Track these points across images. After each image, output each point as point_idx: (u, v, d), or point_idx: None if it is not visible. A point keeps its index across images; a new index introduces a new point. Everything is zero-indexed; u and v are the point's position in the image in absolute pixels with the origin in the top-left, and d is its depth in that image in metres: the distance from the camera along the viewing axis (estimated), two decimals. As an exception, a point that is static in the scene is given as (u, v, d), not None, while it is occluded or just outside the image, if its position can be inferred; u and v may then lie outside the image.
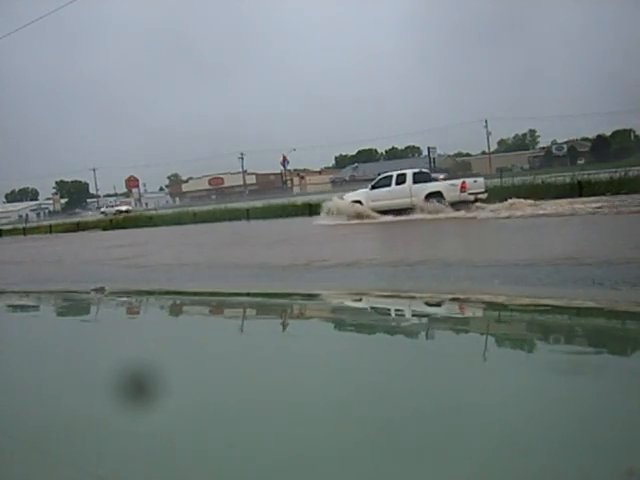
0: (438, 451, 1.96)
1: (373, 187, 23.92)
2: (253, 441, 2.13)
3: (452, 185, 22.03)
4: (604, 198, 20.32)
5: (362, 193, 24.09)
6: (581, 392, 2.42)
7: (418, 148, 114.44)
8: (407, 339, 3.76)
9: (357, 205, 23.20)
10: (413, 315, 4.73)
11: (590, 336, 3.59)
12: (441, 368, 2.91)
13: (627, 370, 2.70)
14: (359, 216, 22.32)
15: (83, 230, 41.44)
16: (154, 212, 47.84)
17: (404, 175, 23.17)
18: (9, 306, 7.26)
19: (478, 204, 21.41)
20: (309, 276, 9.57)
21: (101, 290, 7.08)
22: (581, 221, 15.73)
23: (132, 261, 14.67)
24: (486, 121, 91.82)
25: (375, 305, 5.54)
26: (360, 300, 5.81)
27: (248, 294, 6.89)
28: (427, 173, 24.74)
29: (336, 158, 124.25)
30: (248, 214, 33.45)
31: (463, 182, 22.20)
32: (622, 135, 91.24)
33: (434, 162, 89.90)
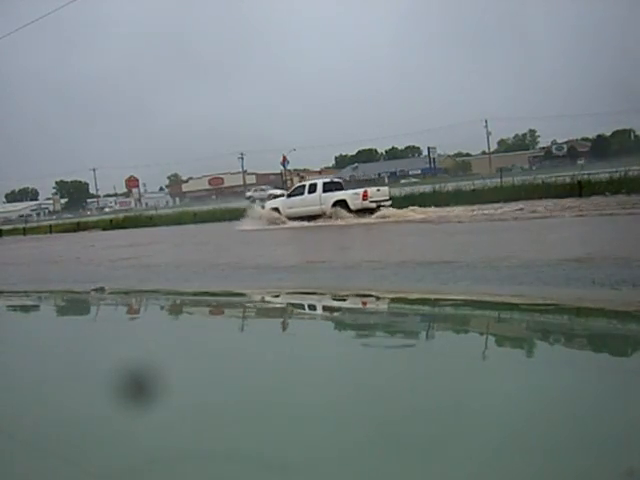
0: (438, 451, 1.96)
1: (289, 195, 25.70)
2: (253, 441, 2.13)
3: (355, 194, 23.76)
4: (520, 204, 21.31)
5: (280, 201, 25.92)
6: (581, 392, 2.42)
7: (418, 148, 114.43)
8: (407, 339, 3.76)
9: (274, 212, 24.97)
10: (413, 315, 4.74)
11: (590, 336, 3.59)
12: (441, 368, 2.91)
13: (627, 370, 2.70)
14: (275, 222, 24.08)
15: (83, 230, 41.49)
16: (154, 212, 47.89)
17: (315, 185, 24.97)
18: (9, 306, 7.26)
19: (382, 210, 23.37)
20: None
21: (101, 290, 7.08)
22: (430, 227, 18.24)
23: (135, 261, 14.73)
24: (486, 121, 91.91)
25: (375, 305, 5.54)
26: (360, 300, 5.81)
27: (248, 294, 6.89)
28: (338, 182, 26.60)
29: (336, 158, 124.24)
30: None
31: (365, 191, 23.93)
32: (622, 135, 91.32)
33: (434, 162, 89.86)
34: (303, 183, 26.67)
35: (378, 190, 25.07)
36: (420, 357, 3.20)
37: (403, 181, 74.43)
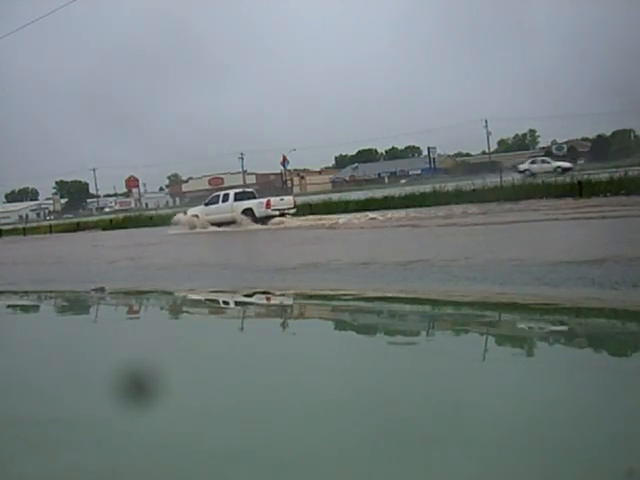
0: (439, 450, 1.96)
1: (206, 204, 28.29)
2: (253, 441, 2.13)
3: (260, 203, 26.43)
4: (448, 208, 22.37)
5: (199, 209, 28.55)
6: (581, 392, 2.42)
7: (418, 148, 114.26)
8: (407, 339, 3.76)
9: (194, 218, 27.59)
10: (413, 315, 4.74)
11: (590, 336, 3.59)
12: (441, 368, 2.91)
13: (627, 370, 2.70)
14: (194, 227, 26.62)
15: (83, 230, 41.47)
16: (154, 212, 47.90)
17: (228, 194, 27.85)
18: (9, 306, 7.26)
19: (286, 217, 25.90)
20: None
21: (101, 290, 7.09)
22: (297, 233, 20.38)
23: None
24: (486, 121, 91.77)
25: (375, 305, 5.55)
26: (359, 300, 5.81)
27: (248, 294, 6.89)
28: (251, 192, 29.30)
29: (336, 158, 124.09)
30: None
31: (268, 200, 26.59)
32: (622, 135, 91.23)
33: (434, 162, 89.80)
34: (218, 193, 29.19)
35: (282, 199, 27.65)
36: (420, 357, 3.20)
37: (403, 181, 74.45)
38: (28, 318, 6.12)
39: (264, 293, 6.85)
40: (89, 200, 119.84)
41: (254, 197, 27.85)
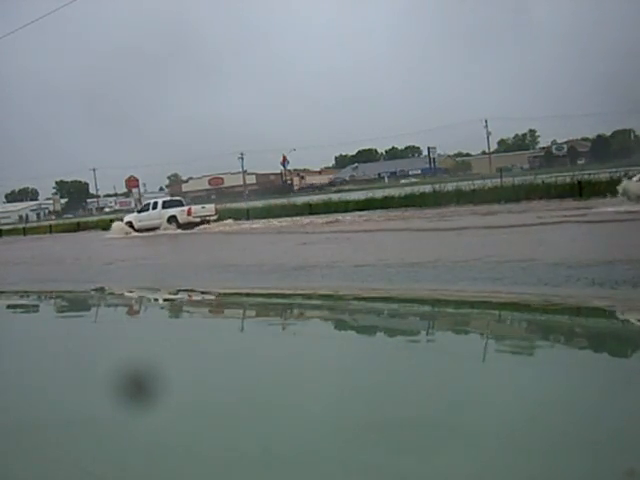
0: (438, 450, 1.96)
1: (139, 211, 31.38)
2: (253, 441, 2.13)
3: (182, 210, 28.91)
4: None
5: (133, 216, 31.49)
6: (581, 392, 2.42)
7: (418, 148, 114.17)
8: (408, 338, 3.76)
9: (127, 225, 30.31)
10: (413, 315, 4.73)
11: (590, 336, 3.59)
12: (441, 368, 2.91)
13: (627, 370, 2.70)
14: (128, 232, 29.31)
15: (83, 230, 41.45)
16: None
17: (157, 202, 30.94)
18: (9, 306, 7.26)
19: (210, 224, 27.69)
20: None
21: (101, 290, 7.09)
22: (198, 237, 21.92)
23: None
24: (486, 121, 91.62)
25: (374, 305, 5.54)
26: (358, 300, 5.81)
27: (248, 294, 6.89)
28: (178, 200, 31.95)
29: (336, 158, 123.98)
30: (248, 214, 33.70)
31: (189, 208, 29.18)
32: (622, 135, 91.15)
33: (434, 162, 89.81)
34: (149, 201, 32.24)
35: (203, 207, 30.08)
36: (421, 357, 3.20)
37: (403, 181, 74.33)
38: (28, 318, 6.12)
39: (187, 291, 6.94)
40: (89, 200, 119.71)
41: (181, 205, 30.18)
